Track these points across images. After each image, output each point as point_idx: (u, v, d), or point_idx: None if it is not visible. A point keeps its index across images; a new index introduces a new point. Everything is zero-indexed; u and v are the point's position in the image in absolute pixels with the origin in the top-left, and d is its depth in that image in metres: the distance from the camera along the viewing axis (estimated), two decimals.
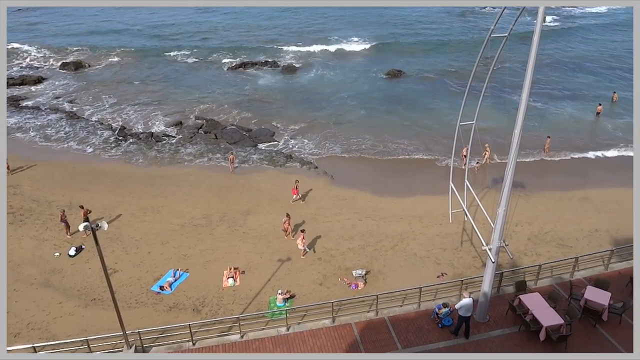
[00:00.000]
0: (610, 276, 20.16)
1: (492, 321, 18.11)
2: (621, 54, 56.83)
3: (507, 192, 15.53)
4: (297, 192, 28.97)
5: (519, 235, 25.22)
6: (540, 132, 36.46)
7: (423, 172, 32.45)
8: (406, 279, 21.78)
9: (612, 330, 17.48)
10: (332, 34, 67.84)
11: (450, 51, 59.63)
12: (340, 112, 43.35)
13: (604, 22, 70.85)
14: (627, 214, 26.83)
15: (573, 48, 59.86)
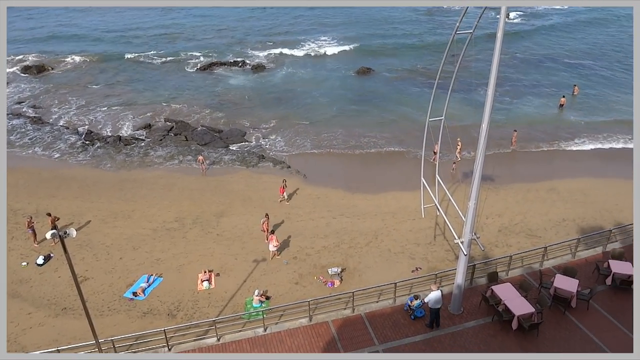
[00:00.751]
0: (578, 264, 20.78)
1: (466, 312, 18.43)
2: (580, 50, 58.44)
3: (477, 185, 15.82)
4: (284, 192, 28.94)
5: (489, 228, 25.72)
6: (507, 125, 37.33)
7: (395, 167, 32.78)
8: (381, 274, 21.97)
9: (580, 316, 18.01)
10: (302, 33, 67.61)
11: (418, 49, 60.19)
12: (311, 109, 43.39)
13: (565, 20, 72.78)
14: (592, 203, 27.75)
15: (536, 44, 61.23)
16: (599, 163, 33.42)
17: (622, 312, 18.07)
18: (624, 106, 42.10)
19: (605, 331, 17.29)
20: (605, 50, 57.74)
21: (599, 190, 29.17)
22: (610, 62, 53.35)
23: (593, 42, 61.40)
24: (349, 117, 41.32)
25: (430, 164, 29.91)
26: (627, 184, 29.72)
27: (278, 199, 29.04)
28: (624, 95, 44.52)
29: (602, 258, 20.96)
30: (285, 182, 29.09)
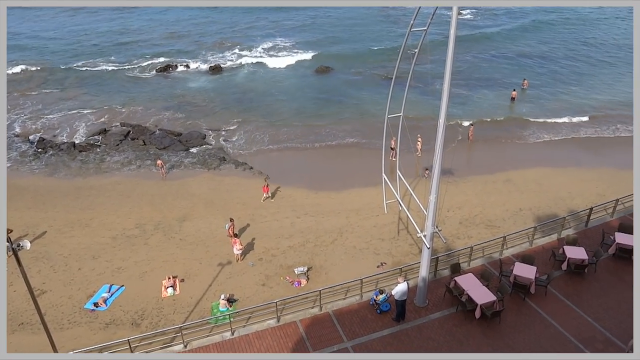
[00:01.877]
0: (535, 251, 21.52)
1: (431, 304, 18.79)
2: (529, 45, 60.52)
3: (437, 180, 16.15)
4: (268, 190, 28.92)
5: (451, 220, 26.31)
6: (464, 120, 38.32)
7: (357, 164, 33.00)
8: (347, 271, 22.12)
9: (539, 301, 18.68)
10: (260, 34, 67.01)
11: (376, 46, 60.88)
12: (271, 109, 43.26)
13: (514, 17, 75.19)
14: (546, 192, 28.80)
15: (488, 40, 63.00)
16: (550, 153, 34.72)
17: (577, 295, 18.86)
18: (572, 98, 43.94)
19: (563, 314, 18.00)
20: (554, 46, 59.91)
21: (552, 179, 30.31)
22: (559, 58, 55.44)
23: (543, 39, 63.58)
24: (309, 115, 41.50)
25: (393, 161, 30.35)
26: (578, 171, 31.23)
27: (262, 198, 29.09)
28: (571, 87, 46.47)
29: (558, 244, 21.78)
30: (267, 179, 29.29)
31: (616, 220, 23.46)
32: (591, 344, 16.63)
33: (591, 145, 35.82)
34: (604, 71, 50.85)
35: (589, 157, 33.68)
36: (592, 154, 34.21)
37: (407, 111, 19.28)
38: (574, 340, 16.86)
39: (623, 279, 19.62)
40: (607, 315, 17.83)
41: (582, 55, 56.33)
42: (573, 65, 52.56)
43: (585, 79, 48.53)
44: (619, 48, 58.54)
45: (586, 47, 59.13)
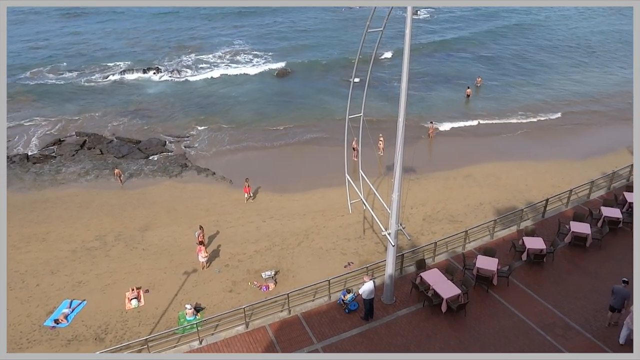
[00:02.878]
0: (496, 244, 22.14)
1: (398, 301, 19.03)
2: (482, 42, 62.28)
3: (399, 178, 16.38)
4: (249, 191, 28.91)
5: (414, 217, 26.73)
6: (423, 117, 39.04)
7: (320, 165, 33.08)
8: (315, 273, 22.13)
9: (502, 292, 19.21)
10: (219, 39, 66.28)
11: (337, 49, 61.22)
12: (232, 112, 42.96)
13: (468, 15, 77.19)
14: (504, 186, 29.63)
15: (443, 37, 64.43)
16: (506, 147, 35.78)
17: (537, 284, 19.51)
18: (523, 93, 45.51)
19: (524, 303, 18.57)
20: (506, 45, 61.82)
21: (510, 172, 31.24)
22: (511, 58, 57.27)
23: (497, 40, 65.48)
24: (270, 118, 41.50)
25: (355, 161, 30.59)
26: (533, 164, 32.27)
27: (244, 199, 29.14)
28: (522, 84, 48.11)
29: (517, 236, 22.47)
30: (248, 180, 29.16)
31: (570, 209, 24.42)
32: (552, 330, 17.22)
33: (543, 138, 37.12)
34: (553, 69, 52.80)
35: (542, 149, 34.88)
36: (545, 146, 35.45)
37: (368, 111, 19.49)
38: (536, 327, 17.42)
39: (579, 266, 20.42)
40: (566, 301, 18.51)
41: (532, 53, 58.40)
42: (524, 64, 54.31)
43: (535, 76, 50.27)
44: (568, 47, 61.00)
45: (536, 47, 61.32)
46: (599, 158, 32.27)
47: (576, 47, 59.85)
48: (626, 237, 22.09)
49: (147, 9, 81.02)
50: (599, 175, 27.14)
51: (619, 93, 45.29)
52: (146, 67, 54.41)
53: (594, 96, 44.88)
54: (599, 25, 68.98)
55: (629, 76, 49.20)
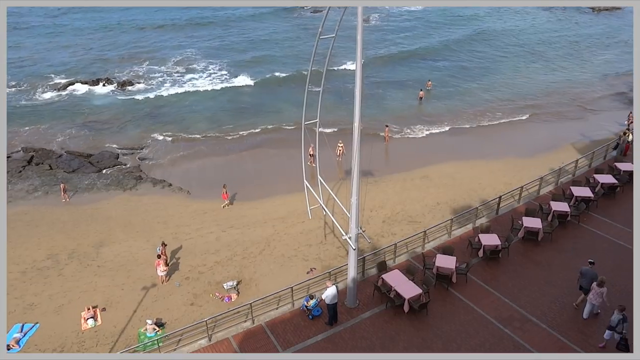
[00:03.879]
0: (454, 242, 22.68)
1: (361, 304, 19.16)
2: (431, 47, 63.98)
3: (357, 182, 16.54)
4: (227, 197, 28.65)
5: (374, 220, 27.03)
6: (379, 121, 39.61)
7: (278, 172, 32.92)
8: (278, 280, 22.00)
9: (461, 289, 19.67)
10: (171, 48, 64.97)
11: (290, 56, 61.35)
12: (187, 122, 42.29)
13: (418, 22, 79.25)
14: (459, 185, 30.42)
15: (394, 44, 65.74)
16: (459, 147, 36.74)
17: (494, 279, 20.10)
18: (472, 96, 46.91)
19: (483, 298, 19.09)
20: (453, 48, 63.66)
21: (464, 172, 32.11)
22: (460, 59, 59.10)
23: (444, 41, 67.37)
24: (226, 125, 41.21)
25: (313, 167, 30.66)
26: (486, 163, 33.31)
27: (221, 205, 28.86)
28: (471, 86, 49.66)
29: (473, 234, 23.11)
30: (225, 187, 28.93)
31: (522, 205, 25.34)
32: (510, 323, 17.76)
33: (493, 137, 38.40)
34: (500, 72, 54.77)
35: (493, 148, 36.02)
36: (495, 145, 36.64)
37: (324, 116, 19.61)
38: (495, 321, 17.92)
39: (532, 260, 21.19)
40: (522, 294, 19.16)
41: (480, 58, 60.41)
42: (472, 67, 55.92)
43: (483, 78, 51.95)
44: (515, 51, 63.44)
45: (484, 52, 63.47)
46: (546, 155, 33.65)
47: (522, 51, 62.24)
48: (574, 230, 23.12)
49: (94, 21, 78.83)
50: (547, 171, 28.28)
51: (559, 92, 47.43)
52: (95, 79, 52.72)
53: (537, 95, 46.79)
54: (545, 31, 71.97)
55: (568, 76, 51.81)
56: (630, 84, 48.89)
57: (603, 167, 28.55)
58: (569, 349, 16.53)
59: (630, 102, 43.96)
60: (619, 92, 47.05)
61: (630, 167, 27.01)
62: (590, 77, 51.77)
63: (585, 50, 61.61)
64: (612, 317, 15.79)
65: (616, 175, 26.51)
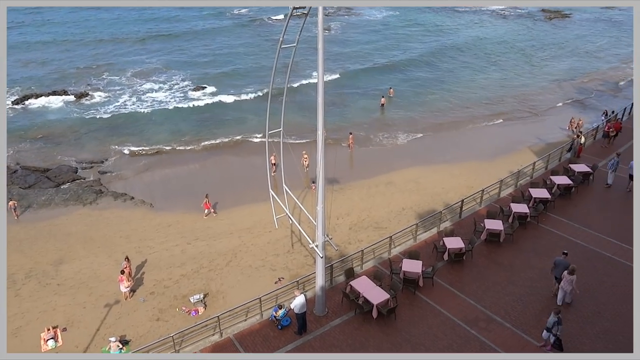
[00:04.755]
0: (420, 246, 23.02)
1: (330, 312, 19.17)
2: (393, 55, 65.18)
3: (322, 190, 16.60)
4: (210, 206, 28.30)
5: (341, 227, 27.16)
6: (343, 128, 39.96)
7: (243, 182, 32.62)
8: (246, 292, 21.77)
9: (427, 292, 19.95)
10: (130, 60, 63.80)
11: (253, 63, 61.23)
12: (147, 133, 41.56)
13: (374, 28, 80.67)
14: (423, 190, 30.95)
15: (355, 52, 66.62)
16: (421, 152, 37.43)
17: (459, 282, 20.49)
18: (432, 104, 47.89)
19: (449, 301, 19.42)
20: (416, 58, 65.01)
21: (427, 177, 32.70)
22: (420, 67, 60.41)
23: (405, 50, 68.71)
24: (188, 136, 40.80)
25: (279, 176, 30.56)
26: (448, 167, 34.01)
27: (204, 214, 28.53)
28: (431, 92, 50.80)
29: (438, 237, 23.51)
30: (207, 196, 28.62)
31: (484, 208, 25.99)
32: (475, 324, 18.12)
33: (454, 141, 39.24)
34: (459, 78, 56.28)
35: (454, 153, 36.85)
36: (456, 150, 37.49)
37: (288, 125, 19.61)
38: (461, 323, 18.25)
39: (495, 261, 21.73)
40: (486, 295, 19.60)
41: (441, 64, 61.87)
42: (432, 75, 57.25)
43: (443, 85, 53.22)
44: (473, 58, 65.25)
45: (444, 58, 65.04)
46: (505, 158, 34.68)
47: (480, 59, 64.06)
48: (534, 230, 23.86)
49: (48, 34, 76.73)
50: (507, 174, 29.12)
51: (514, 97, 49.07)
52: (51, 91, 51.13)
53: (494, 101, 48.23)
54: (501, 37, 74.34)
55: (523, 82, 53.71)
56: (581, 88, 51.21)
57: (558, 168, 29.62)
58: (532, 346, 16.99)
59: (581, 106, 45.94)
60: (570, 96, 49.07)
61: (583, 168, 28.15)
62: (543, 82, 53.79)
63: (538, 56, 64.00)
64: (548, 318, 16.41)
65: (571, 177, 27.55)
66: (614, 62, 60.73)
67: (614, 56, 63.31)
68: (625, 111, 37.53)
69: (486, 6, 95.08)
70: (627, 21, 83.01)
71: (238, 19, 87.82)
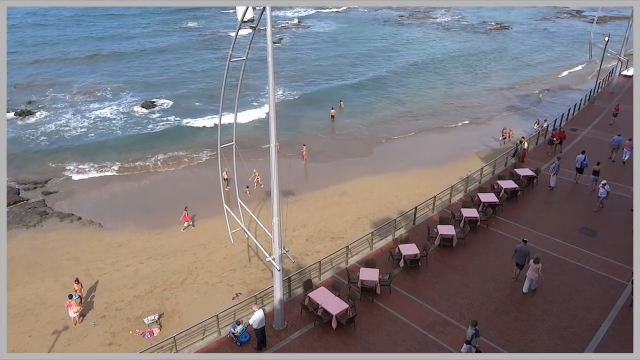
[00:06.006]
0: (376, 254, 23.29)
1: (290, 325, 19.02)
2: (339, 67, 66.29)
3: (277, 202, 16.54)
4: (189, 219, 27.66)
5: (298, 239, 27.10)
6: (296, 139, 40.09)
7: (195, 198, 31.98)
8: (202, 310, 21.28)
9: (385, 300, 20.18)
10: (70, 77, 61.53)
11: (203, 78, 60.57)
12: (94, 150, 40.32)
13: (323, 40, 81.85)
14: (377, 199, 31.40)
15: (305, 64, 67.26)
16: (373, 162, 38.04)
17: (415, 287, 20.85)
18: (381, 113, 48.96)
19: (406, 307, 19.70)
20: (362, 69, 66.27)
21: (380, 186, 33.23)
22: (367, 79, 61.61)
23: (352, 61, 69.96)
24: (135, 152, 39.79)
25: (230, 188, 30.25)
26: (400, 176, 34.71)
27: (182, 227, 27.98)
28: (380, 102, 51.94)
29: (393, 245, 23.86)
30: (186, 209, 28.13)
31: (437, 214, 26.64)
32: (433, 328, 18.47)
33: (405, 150, 40.20)
34: (408, 88, 57.80)
35: (406, 161, 37.64)
36: (407, 158, 38.34)
37: (240, 138, 19.51)
38: (419, 328, 18.55)
39: (449, 265, 22.28)
40: (441, 299, 20.03)
41: (389, 75, 63.38)
42: (381, 86, 58.46)
43: (392, 96, 54.42)
44: (419, 70, 67.15)
45: (392, 70, 66.65)
46: (454, 164, 35.79)
47: (426, 69, 65.97)
48: (485, 234, 24.67)
49: None
50: (457, 180, 30.03)
51: (459, 105, 50.89)
52: None
53: (440, 110, 49.81)
54: (446, 48, 77.02)
55: (466, 90, 55.78)
56: (521, 95, 53.70)
57: (505, 173, 30.82)
58: (488, 347, 17.47)
59: (521, 113, 48.12)
60: (510, 103, 51.38)
61: (528, 172, 29.43)
62: (485, 90, 56.06)
63: (480, 66, 66.68)
64: (467, 331, 16.68)
65: (516, 181, 28.72)
66: (548, 70, 64.11)
67: (548, 65, 66.81)
68: (563, 117, 39.59)
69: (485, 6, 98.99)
70: (560, 32, 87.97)
71: (188, 32, 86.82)
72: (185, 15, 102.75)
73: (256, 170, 32.79)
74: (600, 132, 37.50)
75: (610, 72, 50.47)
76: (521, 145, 32.93)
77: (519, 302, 19.65)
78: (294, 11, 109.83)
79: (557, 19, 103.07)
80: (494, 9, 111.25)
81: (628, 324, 18.06)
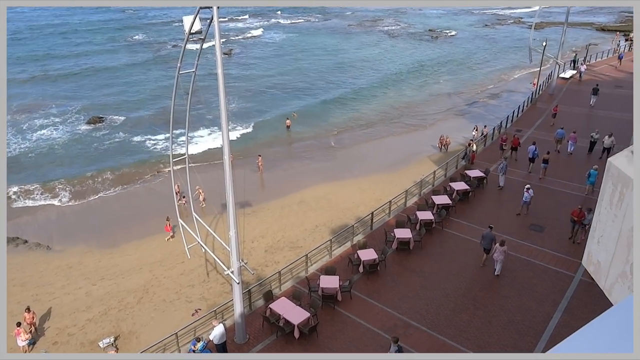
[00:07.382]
0: (335, 261, 23.39)
1: (252, 338, 18.78)
2: (291, 76, 66.62)
3: (233, 215, 16.36)
4: (170, 229, 27.22)
5: (256, 250, 26.85)
6: (251, 149, 39.82)
7: (148, 214, 31.17)
8: (161, 328, 20.70)
9: (346, 306, 20.28)
10: (14, 94, 58.94)
11: (150, 90, 59.31)
12: (38, 171, 38.41)
13: (273, 51, 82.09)
14: (335, 206, 31.59)
15: (256, 76, 67.20)
16: (329, 169, 38.24)
17: (376, 292, 21.08)
18: (333, 120, 49.47)
19: (368, 312, 19.88)
20: (314, 78, 66.82)
21: (337, 193, 33.46)
22: (319, 88, 62.15)
23: (303, 71, 70.43)
24: (83, 169, 38.25)
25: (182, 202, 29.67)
26: (356, 182, 35.05)
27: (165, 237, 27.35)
28: (332, 111, 52.50)
29: (352, 251, 24.04)
30: (169, 219, 27.50)
31: (393, 218, 27.08)
32: (394, 331, 18.67)
33: (359, 156, 40.66)
34: (357, 97, 58.66)
35: (360, 167, 38.08)
36: (362, 164, 38.80)
37: (194, 152, 19.20)
38: (381, 331, 18.74)
39: (407, 268, 22.66)
40: (402, 302, 20.33)
41: (340, 83, 64.13)
42: (331, 94, 59.15)
43: (346, 103, 55.22)
44: (369, 76, 68.29)
45: (343, 78, 67.47)
46: (408, 168, 36.52)
47: (376, 76, 67.31)
48: (440, 235, 25.27)
49: None
50: (411, 183, 30.65)
51: (408, 110, 52.15)
52: None
53: (390, 115, 50.78)
54: (395, 55, 78.76)
55: (414, 96, 57.23)
56: (468, 100, 55.54)
57: (456, 175, 31.73)
58: (449, 346, 17.86)
59: (468, 115, 49.77)
60: (458, 107, 53.05)
61: (478, 173, 30.42)
62: (432, 95, 57.67)
63: (427, 71, 68.60)
64: (389, 349, 16.41)
65: (467, 182, 29.62)
66: (490, 74, 66.73)
67: (491, 69, 69.55)
68: (508, 119, 41.23)
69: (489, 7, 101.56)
70: (499, 39, 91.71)
71: (135, 47, 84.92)
72: (131, 31, 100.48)
73: (199, 187, 31.38)
74: (542, 132, 39.28)
75: (549, 74, 53.06)
76: (470, 148, 34.01)
77: (475, 300, 20.21)
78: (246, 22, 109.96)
79: (498, 25, 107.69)
80: (439, 17, 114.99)
81: (577, 314, 18.92)
